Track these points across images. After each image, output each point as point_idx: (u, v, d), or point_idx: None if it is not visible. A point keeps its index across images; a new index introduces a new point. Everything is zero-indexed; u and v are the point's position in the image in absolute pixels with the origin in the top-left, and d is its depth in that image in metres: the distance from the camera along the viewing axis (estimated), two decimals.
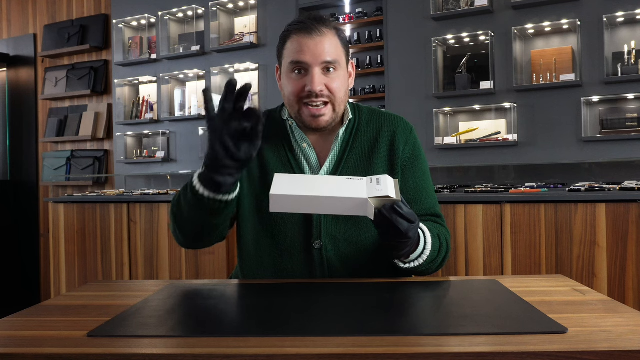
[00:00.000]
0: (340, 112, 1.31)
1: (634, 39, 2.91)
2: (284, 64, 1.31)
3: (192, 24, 4.21)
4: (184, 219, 1.23)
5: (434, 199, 1.36)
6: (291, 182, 1.08)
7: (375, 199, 1.04)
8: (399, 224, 1.05)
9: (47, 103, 4.92)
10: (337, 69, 1.28)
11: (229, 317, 0.91)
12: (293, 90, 1.28)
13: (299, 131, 1.34)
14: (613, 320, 0.84)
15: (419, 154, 1.36)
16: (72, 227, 3.65)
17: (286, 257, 1.28)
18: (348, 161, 1.31)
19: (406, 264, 1.17)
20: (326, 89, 1.26)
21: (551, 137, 3.05)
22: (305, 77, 1.26)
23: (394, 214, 1.04)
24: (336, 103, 1.28)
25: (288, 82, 1.29)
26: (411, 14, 3.39)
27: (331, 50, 1.27)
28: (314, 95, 1.25)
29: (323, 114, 1.27)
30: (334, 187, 1.06)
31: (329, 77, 1.27)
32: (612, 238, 2.33)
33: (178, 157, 4.19)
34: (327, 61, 1.26)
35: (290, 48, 1.28)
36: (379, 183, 1.06)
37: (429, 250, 1.18)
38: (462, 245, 2.60)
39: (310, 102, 1.26)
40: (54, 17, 4.86)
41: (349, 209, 1.06)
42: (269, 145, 1.35)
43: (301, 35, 1.27)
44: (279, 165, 1.32)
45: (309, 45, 1.25)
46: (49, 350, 0.75)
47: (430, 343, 0.74)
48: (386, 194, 1.03)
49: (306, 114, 1.28)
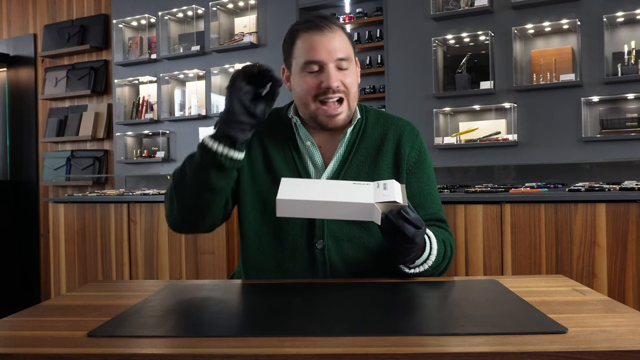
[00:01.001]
0: (353, 108, 1.31)
1: (634, 39, 2.91)
2: (296, 64, 1.29)
3: (192, 24, 4.21)
4: (184, 188, 1.23)
5: (438, 203, 1.35)
6: (298, 186, 1.08)
7: (381, 204, 1.04)
8: (406, 230, 1.05)
9: (47, 103, 4.92)
10: (350, 65, 1.29)
11: (229, 317, 0.91)
12: (308, 89, 1.27)
13: (303, 129, 1.33)
14: (613, 320, 0.84)
15: (424, 159, 1.35)
16: (72, 227, 3.65)
17: (288, 257, 1.27)
18: (353, 162, 1.31)
19: (411, 269, 1.17)
20: (342, 84, 1.26)
21: (551, 137, 3.05)
22: (321, 75, 1.26)
23: (400, 219, 1.04)
24: (350, 99, 1.28)
25: (302, 81, 1.28)
26: (411, 14, 3.39)
27: (343, 47, 1.27)
28: (330, 91, 1.25)
29: (339, 113, 1.27)
30: (341, 192, 1.06)
31: (343, 74, 1.27)
32: (612, 238, 2.33)
33: (178, 157, 4.19)
34: (341, 58, 1.26)
35: (301, 47, 1.27)
36: (385, 188, 1.06)
37: (434, 256, 1.18)
38: (462, 245, 2.60)
39: (327, 98, 1.26)
40: (54, 17, 4.86)
41: (355, 213, 1.05)
42: (274, 143, 1.34)
43: (312, 33, 1.26)
44: (283, 163, 1.32)
45: (322, 42, 1.25)
46: (49, 350, 0.75)
47: (430, 343, 0.74)
48: (393, 199, 1.03)
49: (322, 114, 1.27)
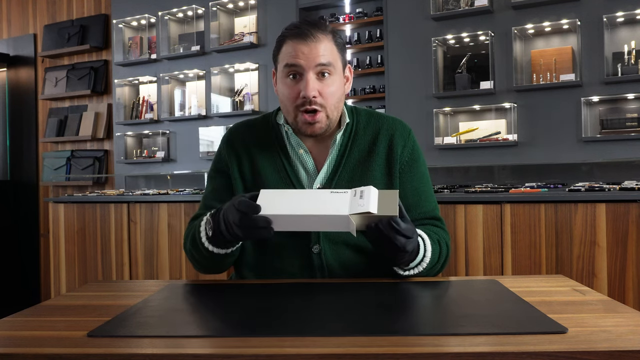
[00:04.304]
0: (334, 118, 1.30)
1: (634, 39, 2.91)
2: (279, 68, 1.30)
3: (192, 24, 4.21)
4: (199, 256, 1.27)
5: (433, 202, 1.35)
6: (274, 199, 1.07)
7: (357, 216, 1.02)
8: (396, 240, 1.04)
9: (47, 103, 4.92)
10: (332, 74, 1.27)
11: (229, 317, 0.91)
12: (289, 97, 1.27)
13: (295, 137, 1.33)
14: (613, 320, 0.84)
15: (417, 157, 1.35)
16: (72, 227, 3.65)
17: (285, 262, 1.27)
18: (346, 166, 1.30)
19: (406, 271, 1.17)
20: (319, 95, 1.25)
21: (551, 137, 3.05)
22: (300, 83, 1.25)
23: (391, 230, 1.03)
24: (329, 109, 1.27)
25: (283, 87, 1.29)
26: (411, 14, 3.39)
27: (326, 54, 1.26)
28: (307, 102, 1.24)
29: (317, 121, 1.26)
30: (317, 203, 1.05)
31: (323, 83, 1.26)
32: (612, 238, 2.33)
33: (178, 157, 4.19)
34: (322, 63, 1.25)
35: (285, 52, 1.28)
36: (362, 197, 1.04)
37: (428, 257, 1.18)
38: (462, 245, 2.60)
39: (305, 109, 1.25)
40: (54, 17, 4.86)
41: (330, 225, 1.05)
42: (264, 152, 1.34)
43: (296, 40, 1.26)
44: (274, 172, 1.31)
45: (303, 50, 1.25)
46: (49, 350, 0.75)
47: (430, 343, 0.74)
48: (367, 210, 1.01)
49: (301, 121, 1.27)
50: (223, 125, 4.02)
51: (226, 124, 4.01)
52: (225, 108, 4.04)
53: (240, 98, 4.00)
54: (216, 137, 4.07)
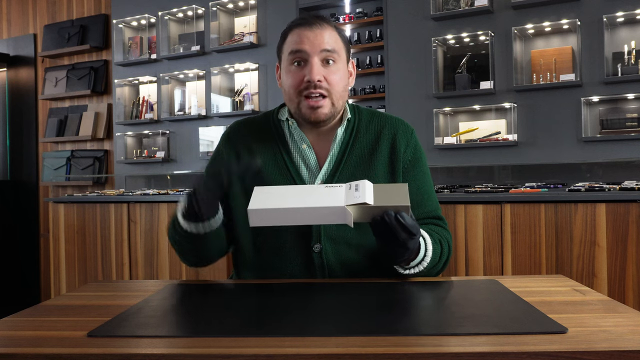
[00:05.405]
0: (338, 107, 1.30)
1: (634, 39, 2.91)
2: (284, 58, 1.31)
3: (192, 24, 4.21)
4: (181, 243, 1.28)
5: (435, 201, 1.35)
6: (270, 195, 1.08)
7: (354, 207, 1.03)
8: (398, 234, 1.04)
9: (47, 103, 4.92)
10: (337, 62, 1.28)
11: (229, 317, 0.91)
12: (292, 83, 1.27)
13: (298, 131, 1.33)
14: (613, 320, 0.84)
15: (420, 157, 1.35)
16: (72, 227, 3.65)
17: (285, 261, 1.27)
18: (348, 162, 1.30)
19: (406, 270, 1.17)
20: (325, 80, 1.26)
21: (551, 137, 3.05)
22: (305, 68, 1.26)
23: (396, 222, 1.03)
24: (334, 96, 1.28)
25: (287, 75, 1.29)
26: (411, 14, 3.39)
27: (330, 41, 1.27)
28: (312, 85, 1.25)
29: (321, 106, 1.27)
30: (312, 197, 1.06)
31: (328, 69, 1.27)
32: (612, 238, 2.33)
33: (178, 157, 4.19)
34: (326, 49, 1.26)
35: (290, 40, 1.29)
36: (357, 190, 1.05)
37: (429, 257, 1.17)
38: (462, 245, 2.60)
39: (309, 93, 1.26)
40: (54, 17, 4.86)
41: (327, 217, 1.05)
42: (264, 149, 1.34)
43: (301, 28, 1.28)
44: (275, 168, 1.31)
45: (308, 36, 1.26)
46: (49, 350, 0.75)
47: (430, 343, 0.74)
48: (363, 201, 1.02)
49: (305, 107, 1.27)
50: (223, 125, 4.02)
51: (226, 124, 4.00)
52: (225, 108, 4.04)
53: (240, 98, 4.00)
54: (216, 137, 4.07)
